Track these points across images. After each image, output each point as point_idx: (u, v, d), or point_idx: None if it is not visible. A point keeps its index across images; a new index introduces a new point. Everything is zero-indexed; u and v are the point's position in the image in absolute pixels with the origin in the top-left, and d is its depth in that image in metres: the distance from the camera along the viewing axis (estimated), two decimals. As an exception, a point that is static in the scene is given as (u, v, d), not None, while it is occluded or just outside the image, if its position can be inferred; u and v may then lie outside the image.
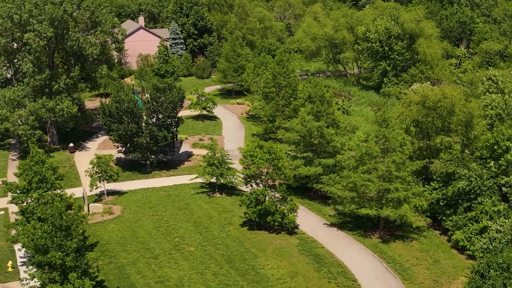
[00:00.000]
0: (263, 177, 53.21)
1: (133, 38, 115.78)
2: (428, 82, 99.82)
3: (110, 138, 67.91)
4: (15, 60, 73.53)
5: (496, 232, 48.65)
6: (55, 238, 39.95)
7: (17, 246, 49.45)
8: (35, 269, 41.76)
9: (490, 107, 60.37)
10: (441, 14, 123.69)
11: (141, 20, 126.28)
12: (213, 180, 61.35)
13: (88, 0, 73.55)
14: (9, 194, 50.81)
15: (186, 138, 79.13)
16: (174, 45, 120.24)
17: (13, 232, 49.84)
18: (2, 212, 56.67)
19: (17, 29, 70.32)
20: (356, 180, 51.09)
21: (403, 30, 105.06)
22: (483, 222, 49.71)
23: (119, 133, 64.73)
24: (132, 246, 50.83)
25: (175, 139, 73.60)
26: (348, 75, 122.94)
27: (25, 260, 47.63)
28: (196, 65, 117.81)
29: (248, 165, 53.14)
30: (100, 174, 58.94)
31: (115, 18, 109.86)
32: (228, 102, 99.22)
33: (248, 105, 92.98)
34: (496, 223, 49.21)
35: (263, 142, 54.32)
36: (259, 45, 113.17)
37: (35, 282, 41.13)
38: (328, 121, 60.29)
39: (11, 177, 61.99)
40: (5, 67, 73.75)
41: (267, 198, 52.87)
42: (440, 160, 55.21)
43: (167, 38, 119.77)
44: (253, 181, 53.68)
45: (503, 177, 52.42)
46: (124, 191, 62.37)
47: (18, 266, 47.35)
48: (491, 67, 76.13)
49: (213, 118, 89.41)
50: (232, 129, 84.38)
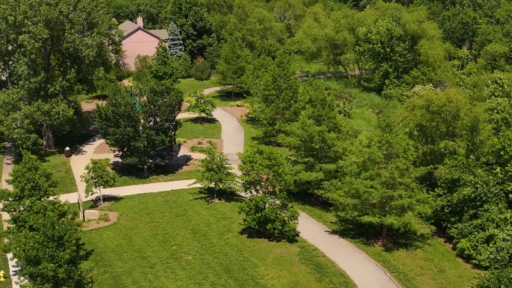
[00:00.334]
0: (263, 183, 51.78)
1: (131, 39, 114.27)
2: (431, 84, 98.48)
3: (106, 142, 66.48)
4: (10, 62, 72.16)
5: (503, 241, 47.21)
6: (47, 249, 38.72)
7: (9, 255, 48.02)
8: (27, 280, 40.55)
9: (496, 111, 58.86)
10: (443, 15, 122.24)
11: (140, 20, 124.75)
12: (212, 185, 59.93)
13: (84, 1, 72.04)
14: (2, 202, 49.40)
15: (185, 142, 77.66)
16: (172, 46, 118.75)
17: (5, 240, 48.38)
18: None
19: (11, 30, 68.87)
20: (359, 187, 49.65)
21: (405, 31, 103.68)
22: (490, 230, 48.29)
23: (115, 137, 63.31)
24: (128, 254, 49.42)
25: (173, 143, 72.20)
26: (349, 76, 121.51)
27: (17, 269, 46.18)
28: (195, 66, 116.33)
29: (248, 171, 51.69)
30: (96, 180, 57.54)
31: (113, 19, 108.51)
32: (227, 104, 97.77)
33: (248, 108, 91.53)
34: (503, 231, 47.80)
35: (263, 148, 52.89)
36: (259, 46, 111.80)
37: (27, 294, 39.84)
38: (329, 125, 58.87)
39: (6, 182, 60.47)
40: (-1, 69, 72.53)
41: (267, 205, 51.41)
42: (445, 166, 53.73)
43: (166, 39, 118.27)
44: (252, 187, 52.26)
45: (510, 183, 50.89)
46: (121, 196, 60.96)
47: (11, 276, 46.01)
48: (497, 70, 74.55)
49: (212, 120, 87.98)
50: (232, 132, 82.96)
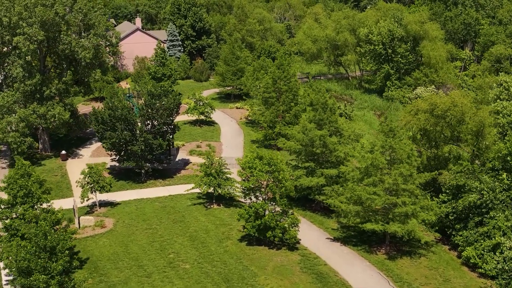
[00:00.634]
0: (262, 189, 50.37)
1: (130, 40, 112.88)
2: (433, 86, 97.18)
3: (103, 146, 65.12)
4: (5, 65, 70.64)
5: (510, 250, 45.82)
6: (39, 260, 37.41)
7: (1, 264, 46.58)
8: (18, 292, 39.25)
9: (501, 115, 57.41)
10: (445, 15, 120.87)
11: (138, 21, 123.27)
12: (211, 190, 58.56)
13: (80, 2, 70.61)
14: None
15: (183, 145, 76.26)
16: (171, 47, 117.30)
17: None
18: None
19: (6, 32, 67.42)
20: (361, 194, 48.25)
21: (407, 32, 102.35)
22: (496, 238, 46.92)
23: (112, 141, 61.92)
24: (124, 263, 48.01)
25: (171, 146, 70.80)
26: (350, 78, 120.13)
27: (10, 279, 44.77)
28: (194, 67, 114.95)
29: (247, 177, 50.28)
30: (92, 185, 56.16)
31: (111, 20, 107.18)
32: (226, 106, 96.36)
33: (248, 110, 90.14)
34: (510, 240, 46.42)
35: (262, 153, 51.48)
36: (258, 47, 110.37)
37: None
38: (331, 129, 57.45)
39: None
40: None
41: (267, 212, 50.02)
42: (450, 171, 52.34)
43: (165, 40, 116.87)
44: (252, 194, 50.86)
45: (517, 190, 49.58)
46: (118, 202, 59.56)
47: (3, 286, 44.60)
48: (502, 73, 73.20)
49: (211, 123, 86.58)
50: (231, 135, 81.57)
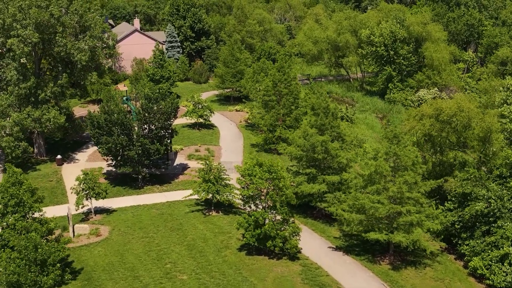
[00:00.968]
0: (262, 197, 48.78)
1: (128, 41, 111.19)
2: (435, 88, 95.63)
3: (99, 151, 63.52)
4: (-1, 67, 69.11)
5: (519, 260, 44.31)
6: (29, 274, 35.80)
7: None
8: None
9: (509, 120, 55.83)
10: (448, 16, 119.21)
11: (137, 22, 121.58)
12: (209, 197, 56.98)
13: (76, 3, 68.95)
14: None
15: (181, 149, 74.60)
16: (170, 48, 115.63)
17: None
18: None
19: (0, 34, 65.83)
20: (365, 202, 46.67)
21: (409, 33, 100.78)
22: (504, 248, 45.32)
23: (108, 146, 60.33)
24: (120, 273, 46.43)
25: (169, 151, 69.19)
26: (351, 80, 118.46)
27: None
28: (193, 69, 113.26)
29: (247, 185, 48.68)
30: (87, 192, 54.59)
31: (109, 20, 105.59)
32: (226, 109, 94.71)
33: (247, 113, 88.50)
34: (519, 250, 44.85)
35: (262, 159, 49.92)
36: (258, 48, 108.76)
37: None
38: (333, 134, 55.88)
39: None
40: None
41: (267, 220, 48.40)
42: (456, 178, 50.74)
43: (163, 41, 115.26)
44: (252, 201, 49.26)
45: (526, 198, 47.98)
46: (114, 209, 57.97)
47: (-7, 298, 43.07)
48: (508, 76, 71.62)
49: (210, 126, 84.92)
50: (230, 139, 79.96)
